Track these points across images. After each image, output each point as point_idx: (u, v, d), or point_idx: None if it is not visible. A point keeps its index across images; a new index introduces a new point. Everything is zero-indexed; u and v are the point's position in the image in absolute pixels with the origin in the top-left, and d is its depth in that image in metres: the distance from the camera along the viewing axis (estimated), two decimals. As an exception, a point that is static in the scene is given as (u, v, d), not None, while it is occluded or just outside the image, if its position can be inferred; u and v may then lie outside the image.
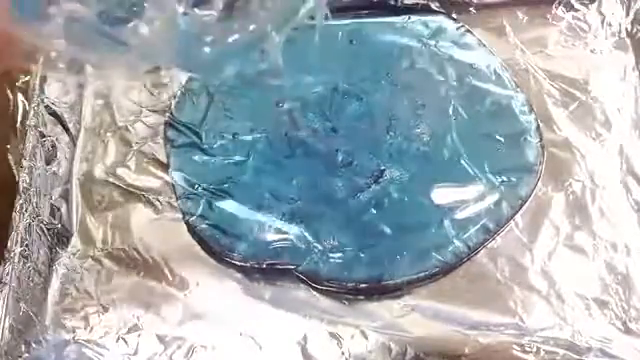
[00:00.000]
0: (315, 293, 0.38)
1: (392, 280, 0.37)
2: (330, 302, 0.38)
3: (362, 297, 0.38)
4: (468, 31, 0.45)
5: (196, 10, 0.25)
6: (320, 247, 0.38)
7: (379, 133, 0.41)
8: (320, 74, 0.42)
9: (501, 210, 0.39)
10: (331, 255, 0.38)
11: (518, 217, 0.40)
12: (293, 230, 0.39)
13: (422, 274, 0.38)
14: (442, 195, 0.39)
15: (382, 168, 0.40)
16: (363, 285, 0.38)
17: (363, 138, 0.41)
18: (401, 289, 0.38)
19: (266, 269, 0.39)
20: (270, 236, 0.39)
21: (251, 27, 0.26)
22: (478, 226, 0.38)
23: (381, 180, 0.40)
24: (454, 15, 0.46)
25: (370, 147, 0.41)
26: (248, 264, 0.39)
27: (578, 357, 0.36)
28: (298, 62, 0.36)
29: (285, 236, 0.39)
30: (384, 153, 0.41)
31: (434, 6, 0.46)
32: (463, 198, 0.39)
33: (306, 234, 0.39)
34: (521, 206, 0.39)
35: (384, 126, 0.41)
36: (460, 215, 0.39)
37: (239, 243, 0.39)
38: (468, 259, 0.38)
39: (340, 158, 0.40)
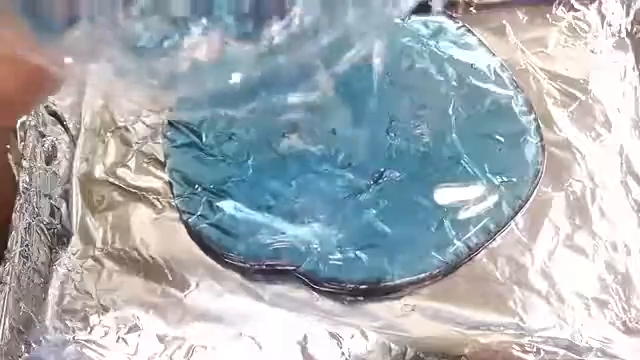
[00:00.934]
0: (315, 293, 0.38)
1: (392, 281, 0.37)
2: (330, 302, 0.38)
3: (362, 297, 0.38)
4: (468, 31, 0.45)
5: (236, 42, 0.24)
6: (320, 248, 0.38)
7: (379, 134, 0.41)
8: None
9: (501, 210, 0.39)
10: (331, 256, 0.38)
11: (518, 217, 0.40)
12: (293, 230, 0.39)
13: (422, 275, 0.38)
14: (442, 195, 0.39)
15: (382, 169, 0.40)
16: (363, 286, 0.38)
17: (363, 139, 0.41)
18: (401, 290, 0.38)
19: (266, 269, 0.39)
20: (270, 236, 0.39)
21: (298, 61, 0.25)
22: (478, 227, 0.38)
23: (381, 181, 0.40)
24: (454, 15, 0.46)
25: (370, 148, 0.41)
26: (248, 264, 0.39)
27: (578, 357, 0.36)
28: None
29: (285, 237, 0.39)
30: (384, 154, 0.40)
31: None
32: (463, 198, 0.39)
33: (306, 235, 0.38)
34: (521, 206, 0.39)
35: (384, 127, 0.41)
36: (460, 215, 0.39)
37: (239, 243, 0.39)
38: (468, 259, 0.38)
39: (340, 159, 0.40)
